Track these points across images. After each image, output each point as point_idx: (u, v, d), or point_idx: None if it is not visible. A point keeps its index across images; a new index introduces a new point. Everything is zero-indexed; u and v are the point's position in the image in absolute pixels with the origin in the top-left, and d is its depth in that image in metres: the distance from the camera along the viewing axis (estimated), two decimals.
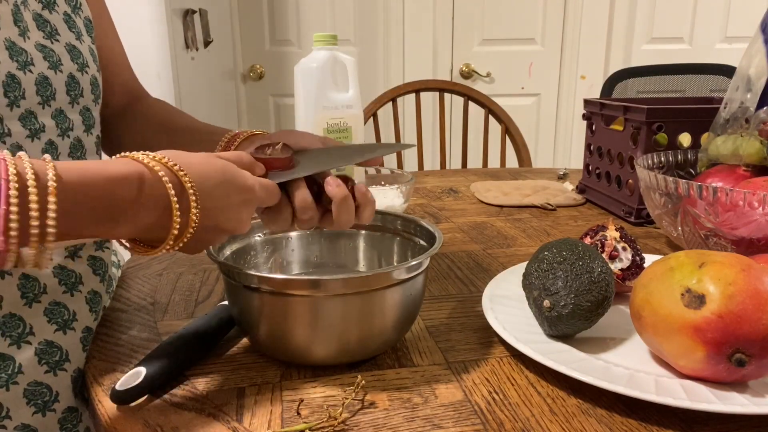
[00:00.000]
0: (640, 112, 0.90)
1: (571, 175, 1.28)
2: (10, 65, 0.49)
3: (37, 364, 0.51)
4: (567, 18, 2.35)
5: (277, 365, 0.52)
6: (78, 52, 0.57)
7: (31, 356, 0.50)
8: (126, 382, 0.45)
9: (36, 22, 0.54)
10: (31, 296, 0.51)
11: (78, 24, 0.60)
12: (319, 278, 0.48)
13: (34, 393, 0.50)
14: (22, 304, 0.50)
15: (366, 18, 2.31)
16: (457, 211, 1.03)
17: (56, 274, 0.54)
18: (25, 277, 0.51)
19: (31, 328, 0.51)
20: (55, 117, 0.54)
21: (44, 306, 0.52)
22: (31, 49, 0.52)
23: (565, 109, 2.45)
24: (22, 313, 0.50)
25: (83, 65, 0.58)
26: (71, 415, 0.53)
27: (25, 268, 0.37)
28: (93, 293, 0.58)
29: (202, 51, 1.94)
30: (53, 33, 0.55)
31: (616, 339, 0.55)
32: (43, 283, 0.52)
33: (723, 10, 2.37)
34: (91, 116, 0.60)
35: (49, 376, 0.51)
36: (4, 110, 0.48)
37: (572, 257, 0.52)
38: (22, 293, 0.50)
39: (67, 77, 0.55)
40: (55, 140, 0.54)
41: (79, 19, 0.60)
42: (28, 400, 0.50)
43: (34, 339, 0.51)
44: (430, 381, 0.49)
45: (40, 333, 0.51)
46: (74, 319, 0.54)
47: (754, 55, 0.81)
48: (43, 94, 0.52)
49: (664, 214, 0.75)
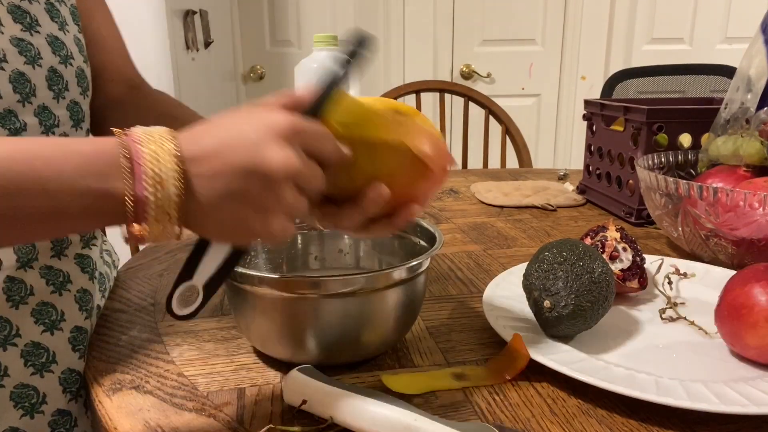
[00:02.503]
0: (641, 113, 0.90)
1: (572, 176, 1.28)
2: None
3: (24, 366, 0.50)
4: (567, 18, 2.35)
5: (278, 366, 0.52)
6: (61, 44, 0.55)
7: (17, 358, 0.50)
8: (184, 302, 0.41)
9: (12, 15, 0.51)
10: (17, 298, 0.51)
11: (62, 13, 0.57)
12: (319, 278, 0.48)
13: (21, 395, 0.50)
14: (8, 307, 0.50)
15: (366, 19, 2.31)
16: (457, 212, 1.03)
17: (43, 274, 0.53)
18: (11, 280, 0.50)
19: (17, 330, 0.50)
20: (38, 114, 0.52)
21: (31, 307, 0.52)
22: (5, 44, 0.50)
23: (566, 109, 2.44)
24: (9, 315, 0.50)
25: (66, 57, 0.56)
26: (62, 418, 0.53)
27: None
28: (83, 291, 0.57)
29: (202, 52, 1.94)
30: (33, 24, 0.53)
31: (617, 339, 0.55)
32: (29, 284, 0.52)
33: (723, 10, 2.37)
34: (80, 110, 0.58)
35: (35, 377, 0.51)
36: None
37: (573, 258, 0.52)
38: (8, 296, 0.50)
39: (48, 71, 0.53)
40: None
41: (64, 7, 0.58)
42: (15, 402, 0.50)
43: (20, 341, 0.51)
44: None
45: (27, 334, 0.51)
46: (62, 319, 0.54)
47: (755, 55, 0.81)
48: (21, 92, 0.50)
49: (664, 214, 0.75)
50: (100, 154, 0.35)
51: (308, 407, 0.44)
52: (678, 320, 0.59)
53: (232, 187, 0.36)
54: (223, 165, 0.36)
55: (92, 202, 0.35)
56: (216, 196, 0.36)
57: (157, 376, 0.50)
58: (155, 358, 0.53)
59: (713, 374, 0.49)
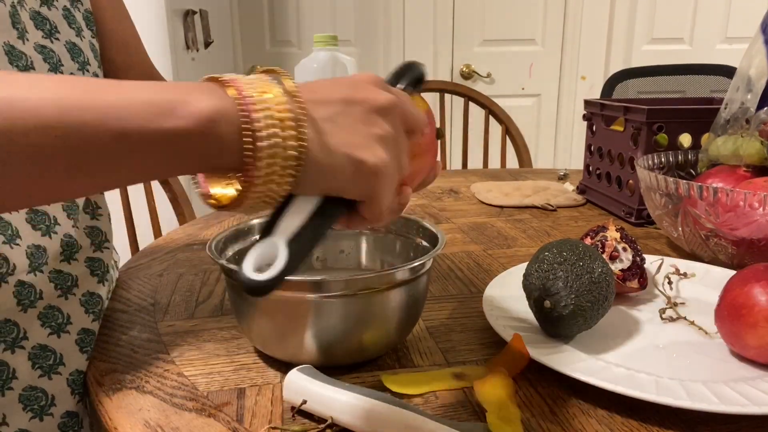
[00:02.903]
0: (641, 113, 0.90)
1: (572, 176, 1.28)
2: (10, 70, 0.48)
3: (31, 369, 0.50)
4: (567, 18, 2.35)
5: (278, 366, 0.52)
6: (78, 50, 0.57)
7: (25, 361, 0.50)
8: (261, 263, 0.31)
9: (34, 21, 0.53)
10: (27, 302, 0.51)
11: (78, 19, 0.59)
12: (321, 279, 0.48)
13: (29, 398, 0.50)
14: (18, 310, 0.50)
15: (366, 19, 2.31)
16: (457, 212, 1.03)
17: (52, 278, 0.54)
18: (21, 284, 0.50)
19: (25, 333, 0.51)
20: None
21: (39, 310, 0.52)
22: (31, 51, 0.51)
23: (566, 109, 2.44)
24: (17, 318, 0.50)
25: (84, 63, 0.57)
26: (71, 420, 0.53)
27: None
28: (89, 294, 0.57)
29: (202, 52, 1.94)
30: (53, 31, 0.54)
31: (617, 339, 0.55)
32: (39, 288, 0.52)
33: (723, 10, 2.37)
34: None
35: (43, 380, 0.51)
36: None
37: (573, 258, 0.52)
38: (18, 300, 0.50)
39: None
40: None
41: (78, 13, 0.59)
42: (24, 405, 0.50)
43: (28, 343, 0.51)
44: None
45: (34, 337, 0.51)
46: (68, 322, 0.54)
47: (755, 55, 0.81)
48: None
49: (664, 214, 0.75)
50: (199, 85, 0.32)
51: (308, 407, 0.44)
52: (678, 320, 0.59)
53: (340, 110, 0.35)
54: (331, 94, 0.35)
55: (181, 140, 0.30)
56: (326, 116, 0.34)
57: (157, 376, 0.50)
58: (155, 358, 0.53)
59: (713, 374, 0.49)
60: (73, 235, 0.56)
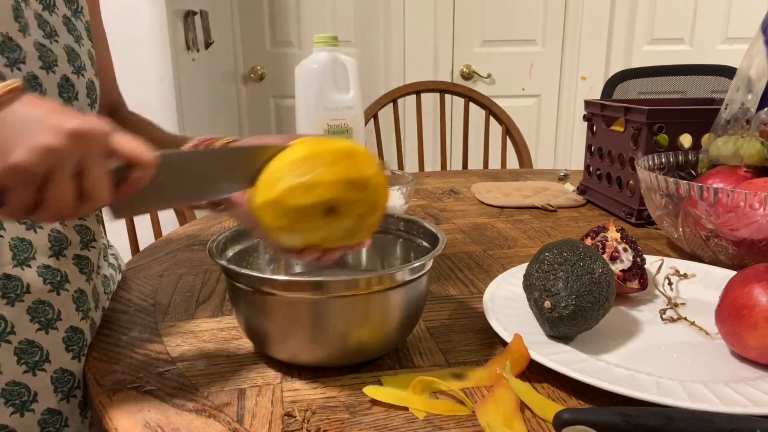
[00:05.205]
0: (641, 113, 0.90)
1: (572, 176, 1.28)
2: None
3: (16, 364, 0.50)
4: (567, 19, 2.35)
5: (278, 366, 0.52)
6: (76, 55, 0.57)
7: (11, 355, 0.50)
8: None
9: (36, 21, 0.53)
10: (13, 296, 0.51)
11: (78, 27, 0.59)
12: (321, 280, 0.47)
13: (12, 393, 0.50)
14: (3, 304, 0.50)
15: (366, 19, 2.31)
16: (457, 212, 1.03)
17: (41, 273, 0.53)
18: (7, 277, 0.51)
19: (12, 327, 0.51)
20: None
21: (27, 305, 0.52)
22: (29, 47, 0.51)
23: (566, 110, 2.44)
24: (4, 312, 0.50)
25: (80, 68, 0.57)
26: (53, 417, 0.53)
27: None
28: (80, 292, 0.57)
29: (202, 52, 1.94)
30: (53, 33, 0.55)
31: (617, 340, 0.55)
32: (26, 282, 0.52)
33: (723, 11, 2.37)
34: None
35: (27, 376, 0.51)
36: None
37: (573, 258, 0.52)
38: (3, 293, 0.50)
39: (61, 78, 0.54)
40: None
41: (79, 22, 0.60)
42: (6, 400, 0.50)
43: (15, 338, 0.51)
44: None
45: (21, 332, 0.51)
46: (58, 318, 0.54)
47: (755, 56, 0.81)
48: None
49: (665, 215, 0.75)
50: None
51: None
52: (678, 321, 0.59)
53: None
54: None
55: None
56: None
57: (157, 376, 0.50)
58: (155, 359, 0.53)
59: (714, 375, 0.49)
60: (61, 231, 0.56)
